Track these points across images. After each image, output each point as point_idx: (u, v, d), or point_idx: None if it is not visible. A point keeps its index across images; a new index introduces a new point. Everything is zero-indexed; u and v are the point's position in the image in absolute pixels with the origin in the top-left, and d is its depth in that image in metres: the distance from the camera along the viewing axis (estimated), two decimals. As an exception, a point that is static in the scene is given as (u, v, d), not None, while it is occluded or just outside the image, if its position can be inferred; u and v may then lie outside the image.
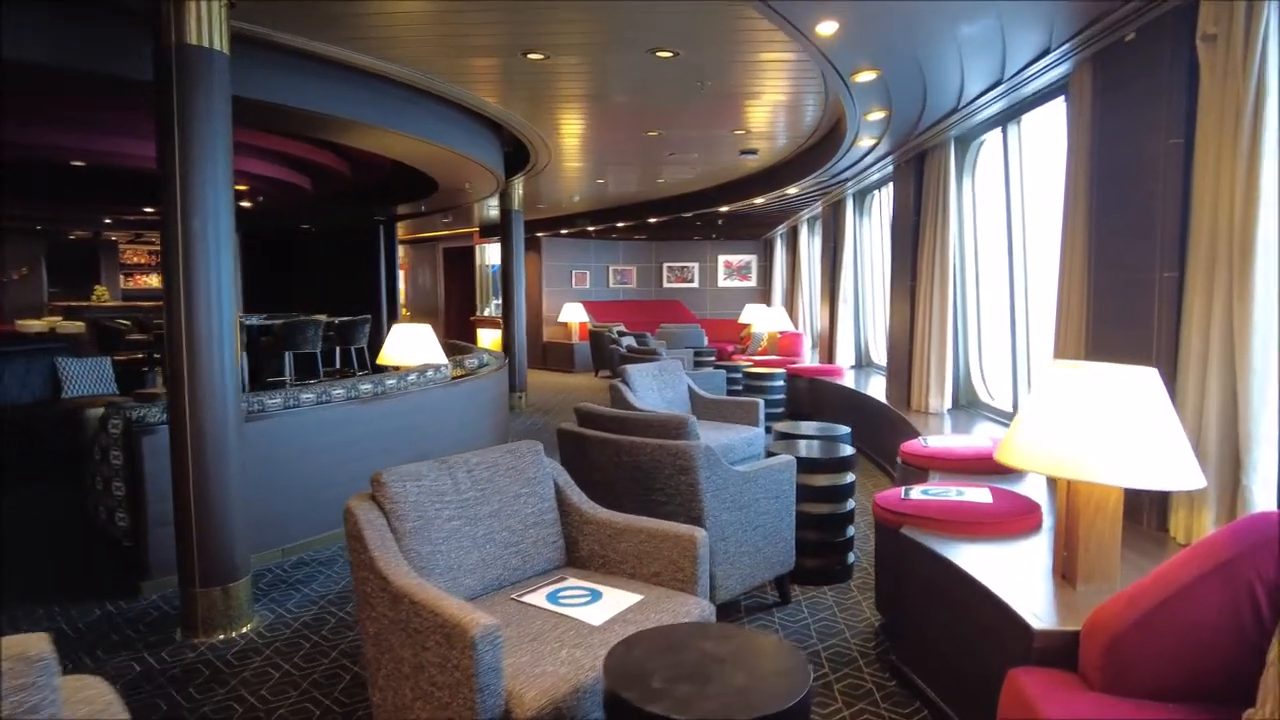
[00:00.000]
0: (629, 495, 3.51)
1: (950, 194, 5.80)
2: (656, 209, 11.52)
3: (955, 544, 2.86)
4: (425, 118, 5.87)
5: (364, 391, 5.40)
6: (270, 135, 6.81)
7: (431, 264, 19.27)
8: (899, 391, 6.62)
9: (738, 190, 9.67)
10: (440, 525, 2.58)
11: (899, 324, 6.68)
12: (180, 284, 3.56)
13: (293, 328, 10.58)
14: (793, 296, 13.39)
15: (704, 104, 5.90)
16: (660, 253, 16.43)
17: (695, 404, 6.18)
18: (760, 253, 16.00)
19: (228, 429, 3.70)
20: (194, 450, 3.62)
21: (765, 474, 3.65)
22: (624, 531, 2.79)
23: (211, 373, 3.63)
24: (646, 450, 3.39)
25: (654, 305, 16.30)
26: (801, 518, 4.04)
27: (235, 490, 3.74)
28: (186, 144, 3.52)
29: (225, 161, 3.67)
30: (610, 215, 12.56)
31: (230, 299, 3.71)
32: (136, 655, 3.50)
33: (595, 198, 11.43)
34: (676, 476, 3.33)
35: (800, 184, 8.23)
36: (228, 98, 3.67)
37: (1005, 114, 5.00)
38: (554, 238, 15.16)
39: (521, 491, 2.84)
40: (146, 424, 4.20)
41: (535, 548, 2.81)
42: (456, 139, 6.31)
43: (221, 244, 3.66)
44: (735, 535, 3.48)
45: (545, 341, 15.38)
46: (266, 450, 4.66)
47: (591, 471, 3.63)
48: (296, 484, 4.80)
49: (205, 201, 3.57)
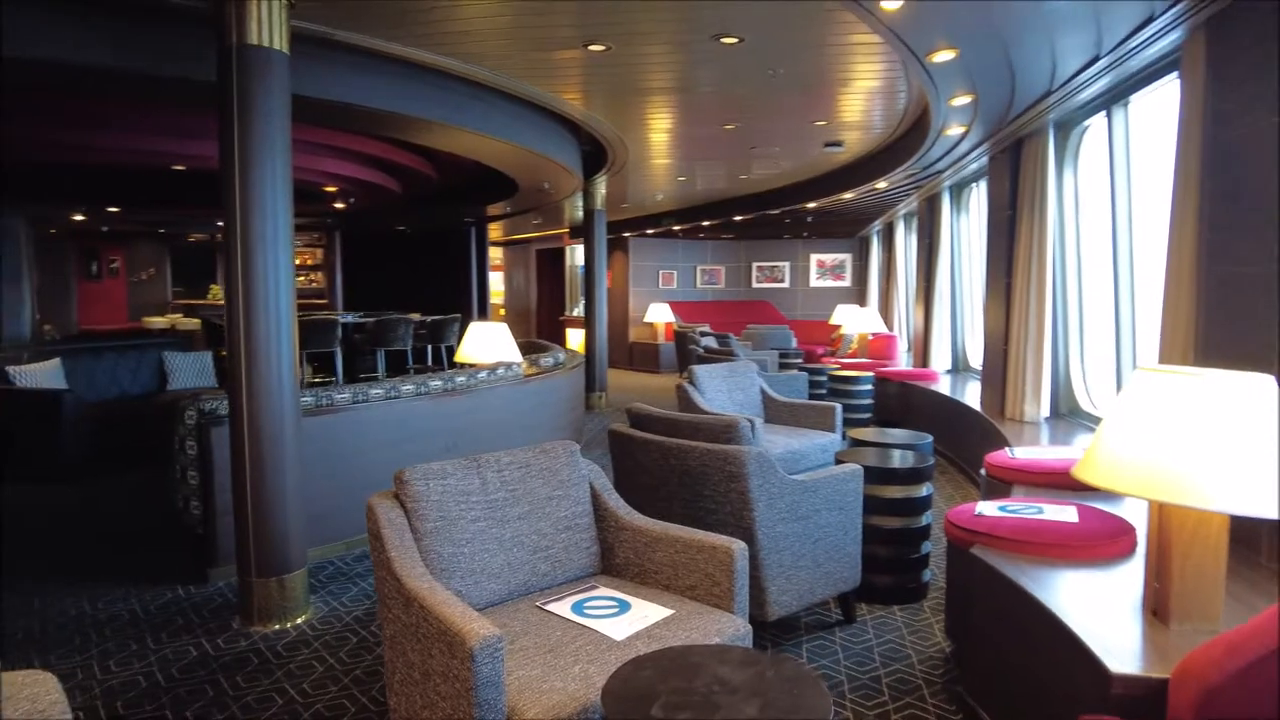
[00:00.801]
0: (677, 500, 3.34)
1: (1049, 184, 5.35)
2: (742, 206, 11.26)
3: (1030, 568, 2.56)
4: (495, 115, 5.86)
5: (433, 388, 5.42)
6: (354, 136, 6.97)
7: (525, 265, 19.57)
8: (993, 398, 6.19)
9: (825, 185, 9.32)
10: (465, 526, 2.49)
11: (994, 325, 6.24)
12: (240, 281, 3.61)
13: (384, 325, 10.89)
14: (888, 297, 12.85)
15: (779, 93, 5.66)
16: (749, 252, 16.12)
17: (768, 407, 5.93)
18: (855, 251, 15.46)
19: (285, 424, 3.73)
20: (251, 445, 3.67)
21: (827, 484, 3.41)
22: (659, 540, 2.63)
23: (269, 368, 3.67)
24: (695, 455, 3.20)
25: (742, 306, 16.00)
26: (871, 531, 3.77)
27: (292, 484, 3.77)
28: (246, 142, 3.57)
29: (284, 159, 3.70)
30: (696, 214, 12.38)
31: (288, 296, 3.74)
32: (195, 640, 3.58)
33: (680, 196, 11.28)
34: (726, 483, 3.14)
35: (889, 177, 7.83)
36: (287, 96, 3.70)
37: (1110, 95, 4.55)
38: (640, 238, 15.09)
39: (554, 494, 2.72)
40: (217, 416, 4.31)
41: (566, 553, 2.68)
42: (529, 136, 6.29)
43: (280, 241, 3.69)
44: (792, 548, 3.26)
45: (631, 342, 15.33)
46: (333, 444, 4.72)
47: (640, 474, 3.48)
48: (361, 478, 4.84)
49: (264, 199, 3.61)
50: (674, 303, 15.40)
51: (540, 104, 6.06)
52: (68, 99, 5.97)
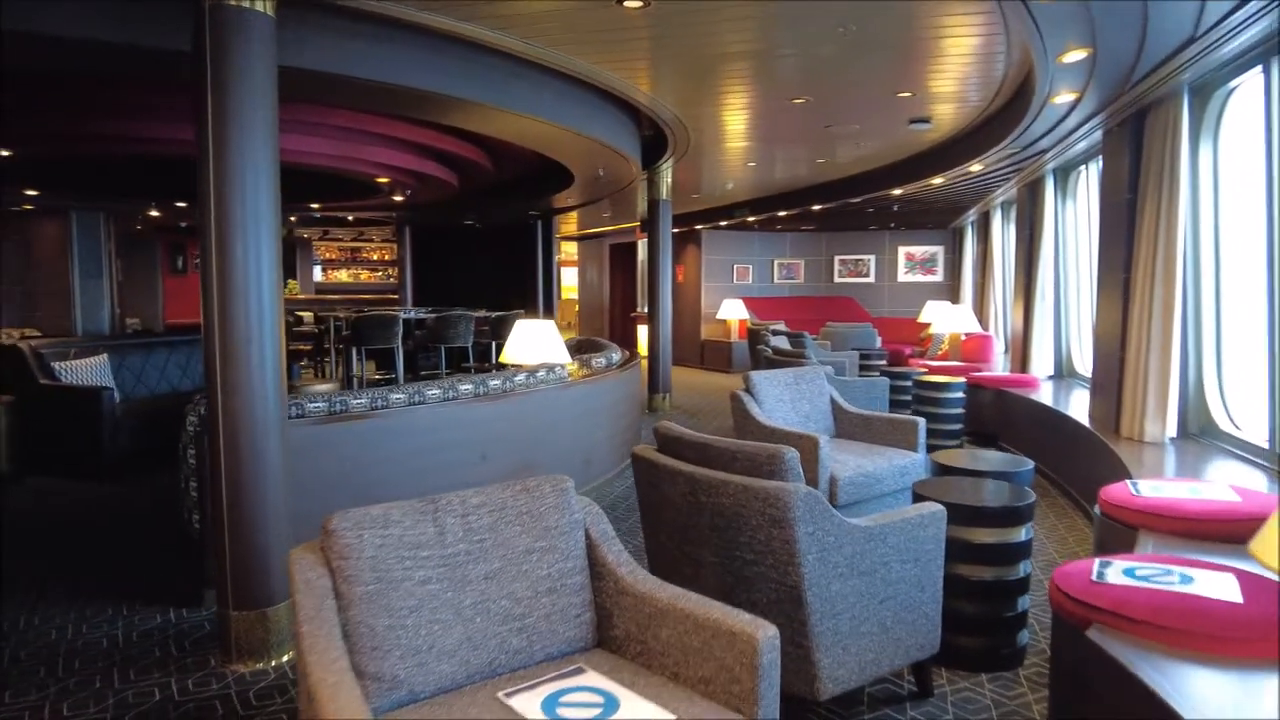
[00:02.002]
0: (709, 546, 2.72)
1: (1181, 161, 4.46)
2: (820, 195, 10.45)
3: (1175, 666, 1.85)
4: (541, 94, 5.32)
5: (463, 392, 4.93)
6: (396, 122, 6.58)
7: (599, 260, 19.14)
8: (1105, 411, 5.30)
9: (911, 169, 8.44)
10: (410, 590, 1.94)
11: (1107, 326, 5.35)
12: (214, 273, 3.18)
13: (444, 322, 10.59)
14: (983, 294, 11.80)
15: (852, 57, 4.92)
16: (831, 244, 15.21)
17: (840, 420, 5.21)
18: (948, 243, 14.36)
19: (268, 436, 3.29)
20: (227, 459, 3.23)
21: (899, 529, 2.72)
22: (666, 614, 2.02)
23: (249, 372, 3.23)
24: (728, 491, 2.57)
25: (822, 302, 15.11)
26: (955, 583, 3.06)
27: (276, 504, 3.33)
28: (222, 115, 3.12)
29: (268, 137, 3.24)
30: (771, 204, 11.61)
31: (272, 292, 3.29)
32: (165, 679, 3.17)
33: (753, 185, 10.56)
34: (767, 529, 2.50)
35: (984, 159, 6.94)
36: (271, 65, 3.24)
37: (1269, 44, 3.66)
38: (714, 230, 14.40)
39: (536, 545, 2.14)
40: (213, 424, 3.92)
41: (549, 623, 2.10)
42: (578, 118, 5.73)
43: (262, 229, 3.23)
44: (852, 610, 2.59)
45: (703, 340, 14.67)
46: (348, 455, 4.29)
47: (666, 510, 2.87)
48: (380, 493, 4.39)
49: (242, 181, 3.16)
50: (749, 298, 14.65)
51: (591, 81, 5.48)
52: (115, 88, 5.73)
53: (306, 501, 4.00)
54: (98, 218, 11.40)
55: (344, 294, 19.08)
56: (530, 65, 5.09)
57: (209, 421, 3.26)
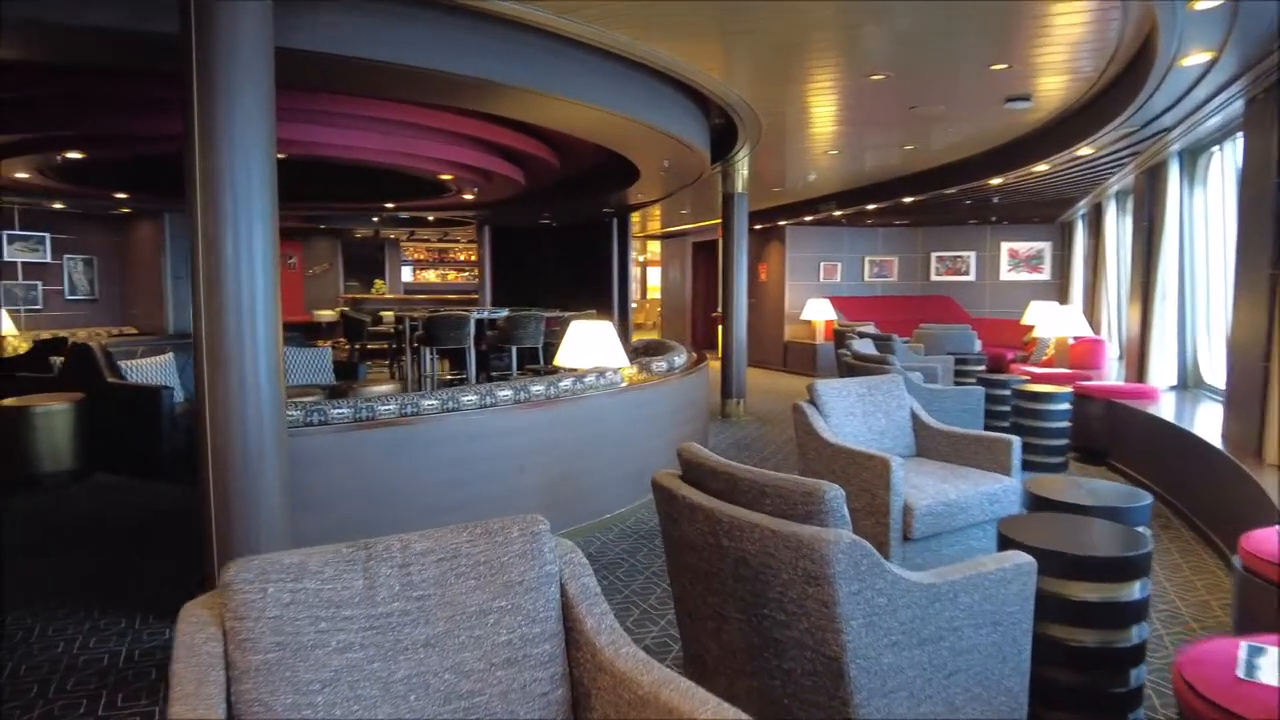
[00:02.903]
0: (733, 600, 2.24)
1: (1350, 130, 3.67)
2: (911, 186, 9.67)
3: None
4: (586, 77, 4.91)
5: (501, 398, 4.59)
6: (452, 115, 6.31)
7: (681, 258, 18.70)
8: (1244, 431, 4.51)
9: (1010, 156, 7.63)
10: (323, 660, 1.55)
11: (1247, 331, 4.55)
12: (201, 272, 2.91)
13: (515, 322, 10.38)
14: (1094, 293, 10.75)
15: (936, 24, 4.31)
16: (927, 240, 14.27)
17: (920, 437, 4.60)
18: (1056, 238, 13.22)
19: (261, 453, 3.01)
20: (215, 478, 2.97)
21: (975, 586, 2.18)
22: (647, 702, 1.56)
23: (240, 383, 2.96)
24: (754, 536, 2.09)
25: (917, 302, 14.20)
26: (1048, 646, 2.49)
27: (271, 524, 3.04)
28: (208, 98, 2.85)
29: (262, 123, 2.96)
30: (858, 196, 10.87)
31: (268, 293, 3.00)
32: (151, 707, 2.93)
33: (838, 177, 9.89)
34: (800, 585, 2.01)
35: (1095, 141, 6.13)
36: (264, 43, 2.97)
37: None
38: (798, 226, 13.71)
39: (494, 604, 1.72)
40: (226, 431, 3.69)
41: (505, 703, 1.68)
42: (631, 102, 5.30)
43: (256, 225, 2.96)
44: (909, 687, 2.07)
45: (786, 341, 14.00)
46: (371, 465, 4.00)
47: (686, 552, 2.41)
48: (401, 508, 4.10)
49: (232, 171, 2.89)
50: (837, 298, 13.89)
51: (647, 63, 5.05)
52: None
53: (319, 518, 3.74)
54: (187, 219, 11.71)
55: (431, 294, 19.29)
56: (576, 45, 4.69)
57: (198, 440, 3.00)
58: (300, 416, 3.92)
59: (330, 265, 18.65)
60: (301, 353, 8.14)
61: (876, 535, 3.70)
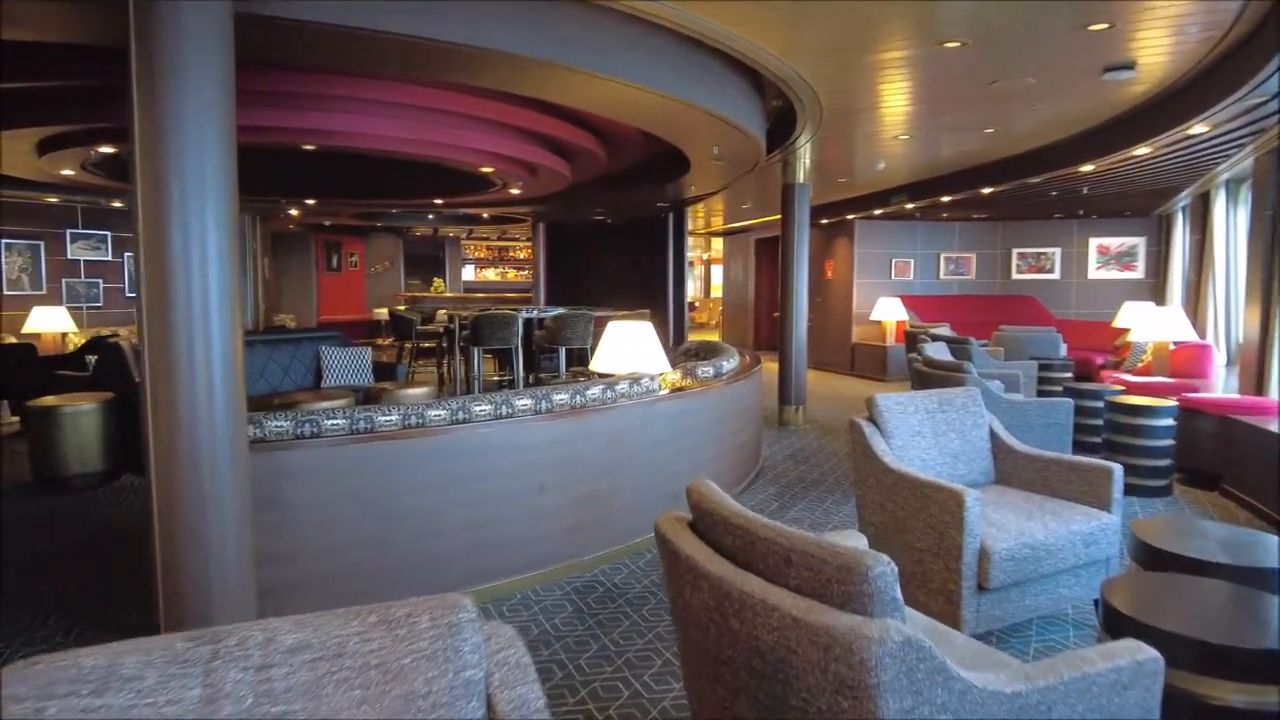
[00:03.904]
0: (744, 696, 1.70)
1: None
2: (992, 175, 8.85)
3: None
4: (619, 48, 4.40)
5: (519, 409, 4.13)
6: (483, 100, 5.88)
7: (744, 256, 18.05)
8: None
9: (1106, 139, 6.78)
10: (123, 821, 1.08)
11: None
12: (142, 269, 2.52)
13: (563, 322, 9.99)
14: (1198, 293, 9.73)
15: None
16: (1008, 235, 13.29)
17: (1001, 461, 3.94)
18: (1152, 233, 12.11)
19: (214, 472, 2.60)
20: (161, 506, 2.57)
21: (1075, 693, 1.59)
22: None
23: (189, 392, 2.55)
24: (771, 623, 1.55)
25: (997, 302, 13.25)
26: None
27: (224, 557, 2.63)
28: (148, 69, 2.44)
29: (215, 99, 2.55)
30: (933, 187, 10.07)
31: (223, 292, 2.60)
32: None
33: (910, 165, 9.13)
34: (831, 695, 1.46)
35: (1211, 116, 5.30)
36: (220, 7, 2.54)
37: None
38: (867, 220, 12.91)
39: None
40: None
41: None
42: (671, 79, 4.77)
43: (208, 216, 2.55)
44: (982, 831, 1.50)
45: (854, 343, 13.22)
46: (369, 483, 3.59)
47: (688, 624, 1.88)
48: (396, 534, 3.68)
49: (180, 152, 2.49)
50: (909, 297, 13.06)
51: (689, 32, 4.51)
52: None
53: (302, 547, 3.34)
54: (241, 216, 11.68)
55: (490, 293, 19.14)
56: (613, 14, 4.19)
57: (145, 463, 2.61)
58: (289, 428, 3.54)
59: (391, 263, 18.66)
60: (341, 352, 7.86)
61: (945, 583, 3.09)
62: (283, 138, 6.22)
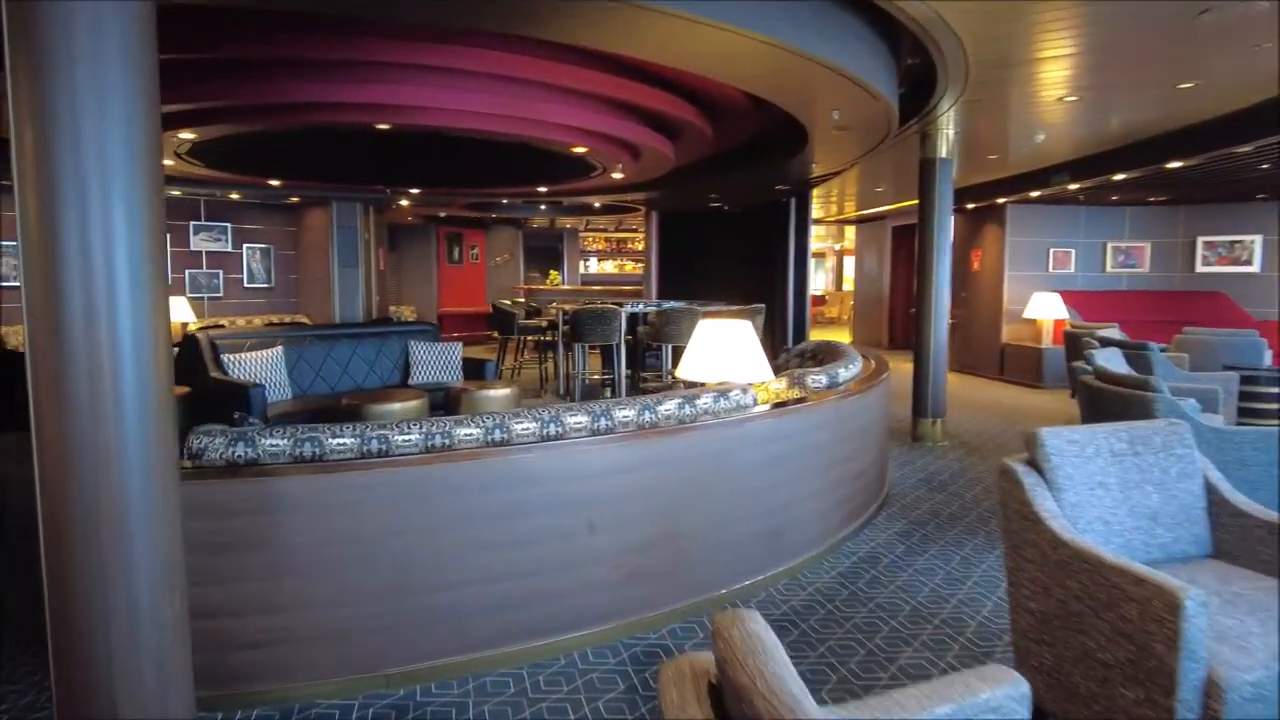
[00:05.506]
0: None
1: None
2: (1182, 145, 7.29)
3: None
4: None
5: (570, 427, 3.37)
6: (567, 67, 5.13)
7: (879, 245, 16.65)
8: None
9: (1358, 90, 5.28)
10: None
11: None
12: (27, 254, 1.91)
13: (667, 317, 9.21)
14: None
15: None
16: (1192, 220, 11.39)
17: (1219, 525, 2.81)
18: (1385, 216, 9.98)
19: (126, 515, 1.98)
20: (49, 556, 1.97)
21: None
22: None
23: (84, 411, 1.93)
24: None
25: (1178, 299, 11.39)
26: None
27: (135, 630, 2.01)
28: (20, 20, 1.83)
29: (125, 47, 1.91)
30: (1102, 163, 8.53)
31: (139, 284, 1.97)
32: None
33: (1075, 136, 7.72)
34: None
35: None
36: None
37: None
38: (1021, 204, 11.35)
39: None
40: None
41: None
42: (776, 22, 3.86)
43: (113, 190, 1.94)
44: None
45: (1004, 344, 11.69)
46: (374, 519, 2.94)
47: None
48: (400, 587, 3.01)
49: (73, 112, 1.86)
50: (1070, 292, 11.42)
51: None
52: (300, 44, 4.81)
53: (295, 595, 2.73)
54: (354, 207, 11.60)
55: (607, 285, 18.63)
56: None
57: (34, 499, 2.02)
58: (286, 448, 2.93)
59: (511, 255, 18.47)
60: (430, 347, 7.42)
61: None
62: (356, 115, 5.72)
